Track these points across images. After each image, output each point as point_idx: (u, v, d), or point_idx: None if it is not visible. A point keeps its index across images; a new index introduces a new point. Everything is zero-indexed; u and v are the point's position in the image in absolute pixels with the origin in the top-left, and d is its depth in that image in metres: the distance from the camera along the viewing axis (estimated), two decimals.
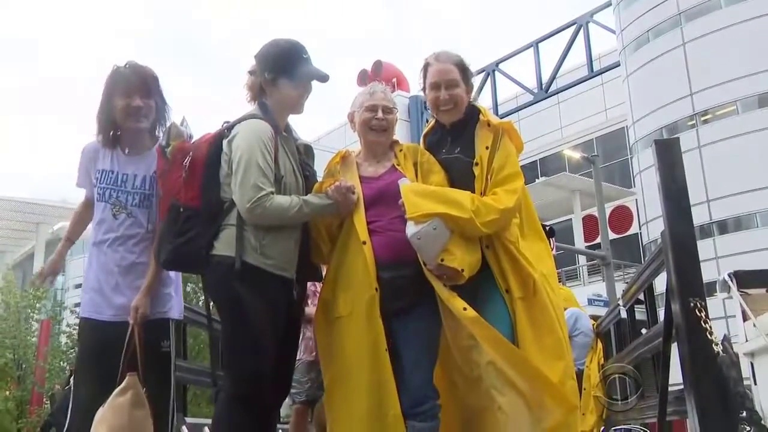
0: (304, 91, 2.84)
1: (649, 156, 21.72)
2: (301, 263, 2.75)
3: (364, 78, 41.91)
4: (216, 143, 2.71)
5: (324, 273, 2.90)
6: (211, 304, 2.76)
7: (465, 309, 2.55)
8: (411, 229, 2.58)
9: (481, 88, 28.26)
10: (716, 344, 2.68)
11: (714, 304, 3.22)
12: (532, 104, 27.63)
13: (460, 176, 2.82)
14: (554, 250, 17.91)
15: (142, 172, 2.93)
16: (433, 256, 2.59)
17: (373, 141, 2.90)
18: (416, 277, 2.65)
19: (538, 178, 29.07)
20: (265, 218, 2.57)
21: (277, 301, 2.62)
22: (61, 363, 24.40)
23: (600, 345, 6.43)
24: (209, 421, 4.53)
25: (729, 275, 6.02)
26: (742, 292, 5.97)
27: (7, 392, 25.85)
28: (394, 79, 40.93)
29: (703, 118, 24.17)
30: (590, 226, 26.98)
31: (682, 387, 3.11)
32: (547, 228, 3.08)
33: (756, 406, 4.99)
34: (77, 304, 26.88)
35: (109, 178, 2.94)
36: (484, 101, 29.50)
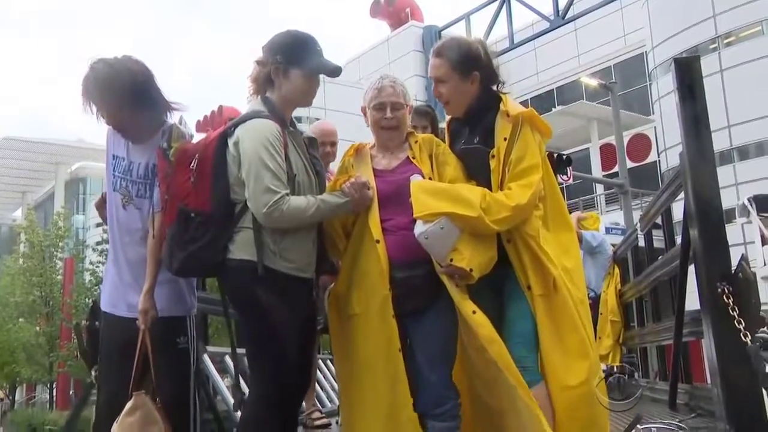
0: (314, 84, 2.75)
1: (668, 82, 21.30)
2: (317, 260, 2.72)
3: (376, 9, 41.11)
4: (221, 143, 2.61)
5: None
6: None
7: (474, 312, 2.49)
8: (419, 228, 2.53)
9: (496, 17, 27.61)
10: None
11: (733, 231, 3.21)
12: (549, 32, 26.97)
13: (479, 167, 2.72)
14: (571, 179, 17.81)
15: (144, 160, 2.83)
16: (443, 255, 2.53)
17: (386, 138, 2.84)
18: (431, 277, 2.59)
19: (555, 107, 28.65)
20: (283, 221, 2.51)
21: (299, 303, 2.60)
22: (87, 299, 24.99)
23: (617, 271, 6.48)
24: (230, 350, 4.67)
25: (749, 199, 5.99)
26: (761, 216, 5.96)
27: (38, 328, 26.68)
28: (408, 9, 40.10)
29: (725, 41, 23.52)
30: (608, 154, 26.66)
31: (698, 309, 3.13)
32: (564, 157, 2.97)
33: None
34: (99, 243, 27.40)
35: (121, 166, 2.87)
36: (499, 30, 28.87)
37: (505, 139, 2.65)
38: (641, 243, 5.72)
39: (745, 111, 21.96)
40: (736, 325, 2.60)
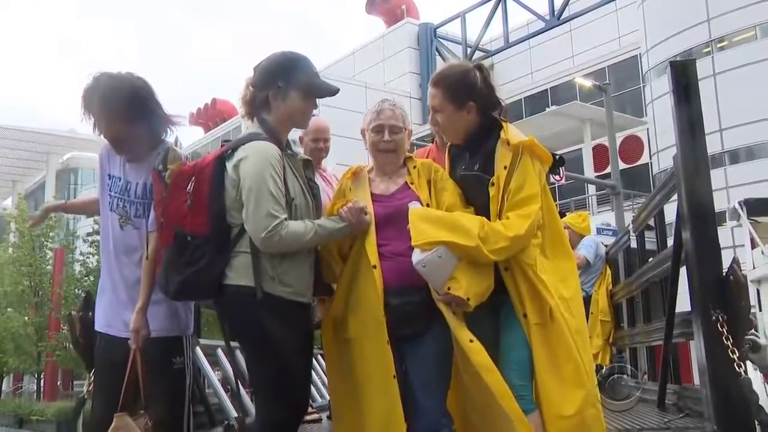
0: (312, 105, 2.76)
1: (662, 85, 21.37)
2: (314, 283, 2.72)
3: (372, 5, 41.06)
4: (219, 166, 2.59)
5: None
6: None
7: (472, 341, 2.49)
8: (416, 256, 2.53)
9: (491, 16, 27.68)
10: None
11: (723, 234, 3.23)
12: (544, 32, 27.06)
13: (478, 194, 2.72)
14: (564, 179, 17.85)
15: (142, 180, 2.83)
16: (440, 283, 2.54)
17: (383, 161, 2.85)
18: (426, 304, 2.60)
19: (548, 107, 28.71)
20: (281, 246, 2.51)
21: (299, 327, 2.59)
22: (76, 290, 24.88)
23: (609, 271, 6.51)
24: (222, 343, 4.66)
25: (739, 203, 6.02)
26: (751, 219, 5.99)
27: (26, 318, 26.54)
28: (403, 6, 40.05)
29: (719, 45, 23.64)
30: (600, 155, 26.74)
31: (689, 311, 3.16)
32: (557, 157, 2.95)
33: (760, 331, 5.08)
34: (89, 234, 27.15)
35: (117, 186, 2.86)
36: (494, 29, 28.93)
37: (505, 167, 2.64)
38: (633, 244, 5.76)
39: (737, 115, 22.08)
40: (730, 354, 2.65)
